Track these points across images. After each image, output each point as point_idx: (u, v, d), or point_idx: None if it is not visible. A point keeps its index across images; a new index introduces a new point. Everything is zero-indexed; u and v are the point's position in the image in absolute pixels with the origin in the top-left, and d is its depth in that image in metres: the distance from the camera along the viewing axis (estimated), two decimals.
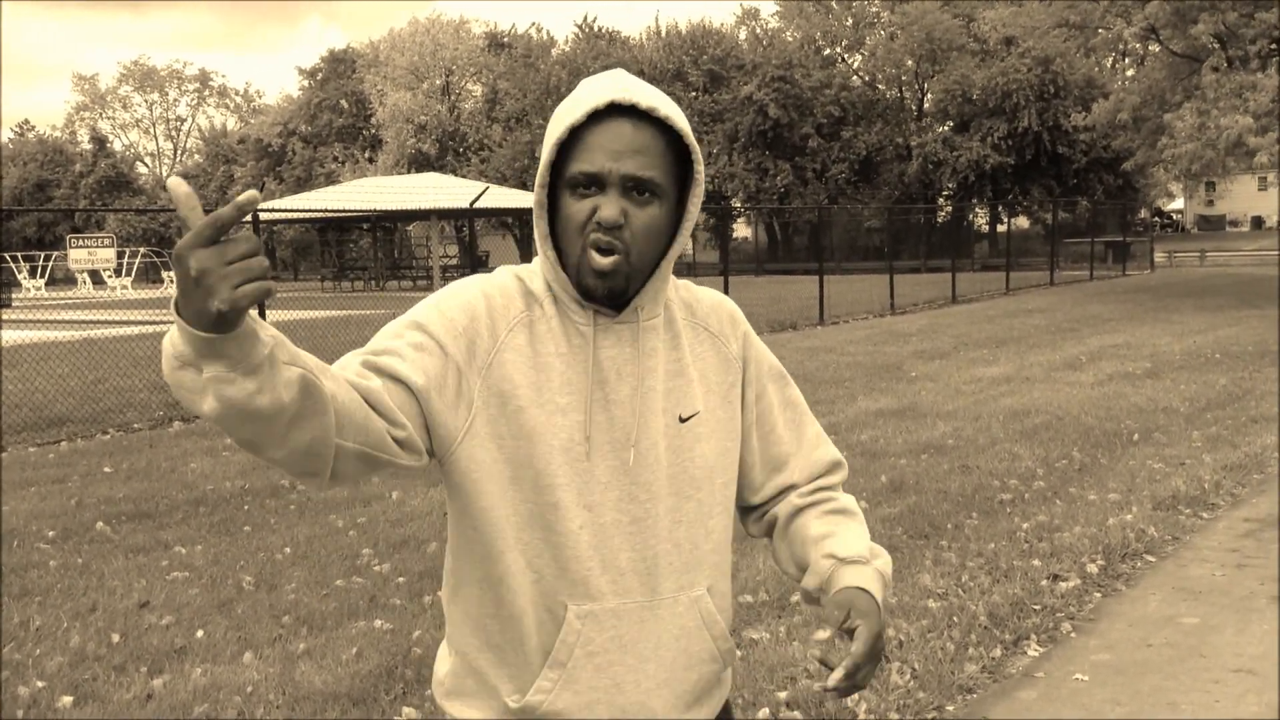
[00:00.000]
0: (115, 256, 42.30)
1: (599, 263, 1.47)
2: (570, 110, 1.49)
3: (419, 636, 4.64)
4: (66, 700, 4.14)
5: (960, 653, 4.35)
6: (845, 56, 48.49)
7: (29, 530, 6.65)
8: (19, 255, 47.12)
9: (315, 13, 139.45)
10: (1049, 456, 7.81)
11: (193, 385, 1.26)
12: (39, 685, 4.26)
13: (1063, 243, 36.72)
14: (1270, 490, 6.86)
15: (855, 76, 47.37)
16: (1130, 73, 39.81)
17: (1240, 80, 21.81)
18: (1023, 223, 48.18)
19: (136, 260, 45.97)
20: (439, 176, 43.23)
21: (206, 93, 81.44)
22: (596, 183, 1.47)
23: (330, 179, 55.71)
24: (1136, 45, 31.09)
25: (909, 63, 45.12)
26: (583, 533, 1.51)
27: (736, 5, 57.20)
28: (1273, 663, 4.25)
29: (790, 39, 47.16)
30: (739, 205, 44.33)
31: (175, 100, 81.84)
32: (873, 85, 47.33)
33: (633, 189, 1.47)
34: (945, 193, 44.45)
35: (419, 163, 53.61)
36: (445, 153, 54.28)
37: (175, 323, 1.23)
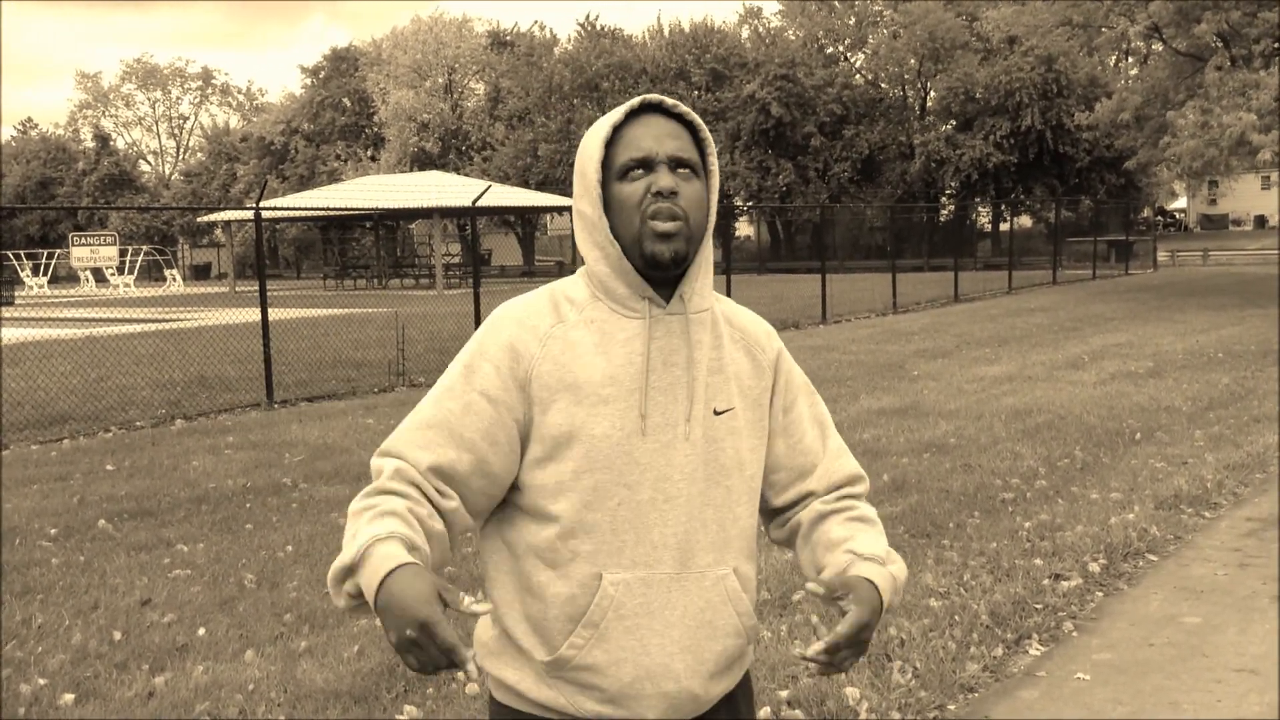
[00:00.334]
0: (118, 255, 42.34)
1: (663, 227, 1.62)
2: (608, 117, 1.68)
3: None
4: (68, 698, 4.14)
5: (962, 651, 4.34)
6: (848, 55, 48.46)
7: (31, 528, 6.66)
8: (22, 253, 47.16)
9: (319, 11, 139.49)
10: (1051, 455, 7.80)
11: (344, 600, 1.57)
12: (41, 683, 4.27)
13: (1065, 242, 36.71)
14: (1272, 490, 6.86)
15: (858, 75, 47.34)
16: (1133, 72, 39.80)
17: (1243, 79, 21.79)
18: (1025, 222, 48.15)
19: (139, 258, 45.99)
20: (441, 175, 43.24)
21: (209, 91, 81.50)
22: (645, 165, 1.65)
23: (333, 177, 55.73)
24: (1140, 44, 31.06)
25: (912, 61, 45.08)
26: (620, 510, 1.64)
27: (739, 4, 57.19)
28: (1274, 662, 4.25)
29: (793, 37, 47.13)
30: (741, 204, 44.32)
31: (178, 98, 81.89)
32: (875, 84, 47.29)
33: (677, 167, 1.65)
34: (948, 191, 44.42)
35: (421, 161, 53.62)
36: (448, 151, 54.29)
37: (359, 574, 1.51)
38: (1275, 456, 7.68)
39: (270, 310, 12.57)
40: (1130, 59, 42.61)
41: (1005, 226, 44.05)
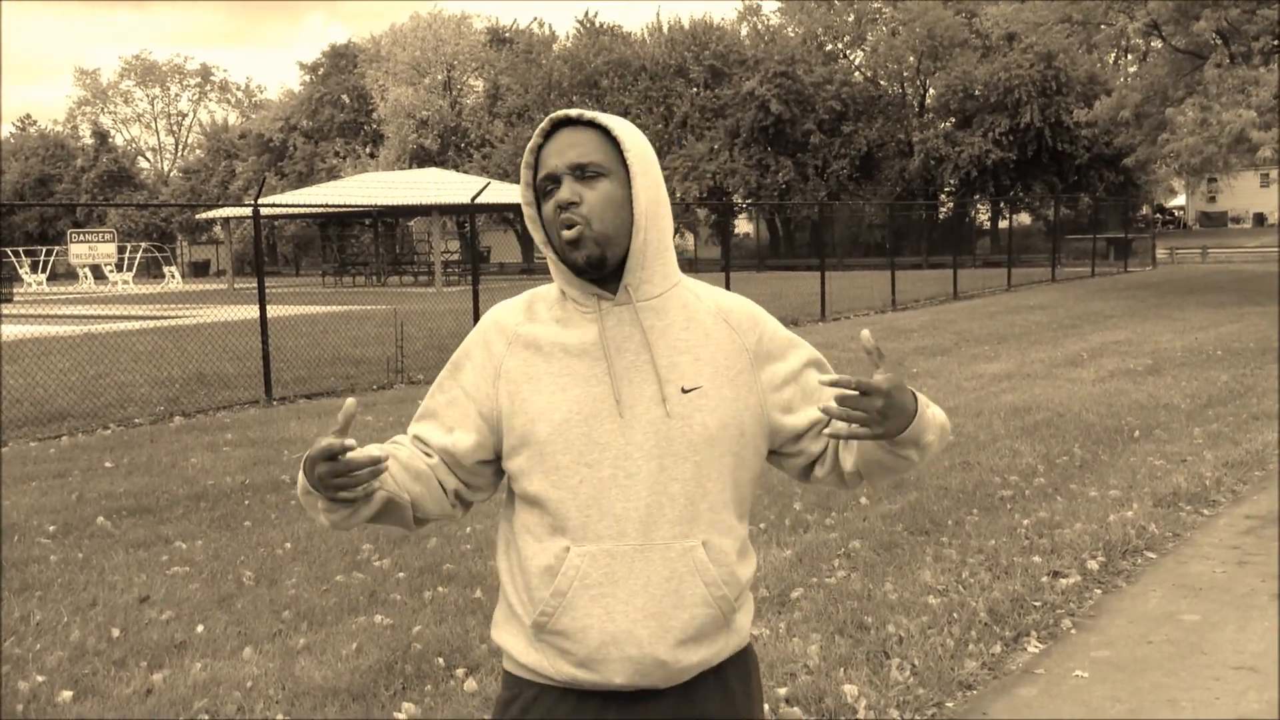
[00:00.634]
0: (116, 251, 42.30)
1: (567, 235, 1.77)
2: (532, 139, 1.85)
3: (419, 632, 4.64)
4: (66, 695, 4.14)
5: (960, 649, 4.35)
6: (847, 52, 48.42)
7: (30, 525, 6.65)
8: (20, 250, 47.12)
9: (319, 9, 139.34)
10: (1050, 453, 7.81)
11: (309, 505, 1.77)
12: (39, 680, 4.27)
13: (1064, 239, 36.71)
14: (1271, 487, 6.86)
15: (857, 72, 47.31)
16: (1133, 69, 39.78)
17: (1243, 76, 21.78)
18: (1024, 219, 48.14)
19: (138, 255, 45.97)
20: (440, 172, 43.23)
21: (208, 88, 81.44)
22: (555, 180, 1.80)
23: (332, 174, 55.70)
24: (1139, 41, 31.04)
25: (911, 59, 45.03)
26: (582, 487, 1.77)
27: (738, 1, 57.19)
28: (1273, 660, 4.25)
29: (792, 34, 47.09)
30: (740, 201, 44.30)
31: (177, 95, 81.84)
32: (874, 81, 47.26)
33: (579, 174, 1.78)
34: (947, 189, 44.40)
35: (420, 158, 53.61)
36: (447, 148, 54.27)
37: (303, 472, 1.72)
38: (1274, 454, 7.68)
39: (269, 307, 12.56)
40: (1129, 56, 42.60)
41: (1004, 224, 44.04)
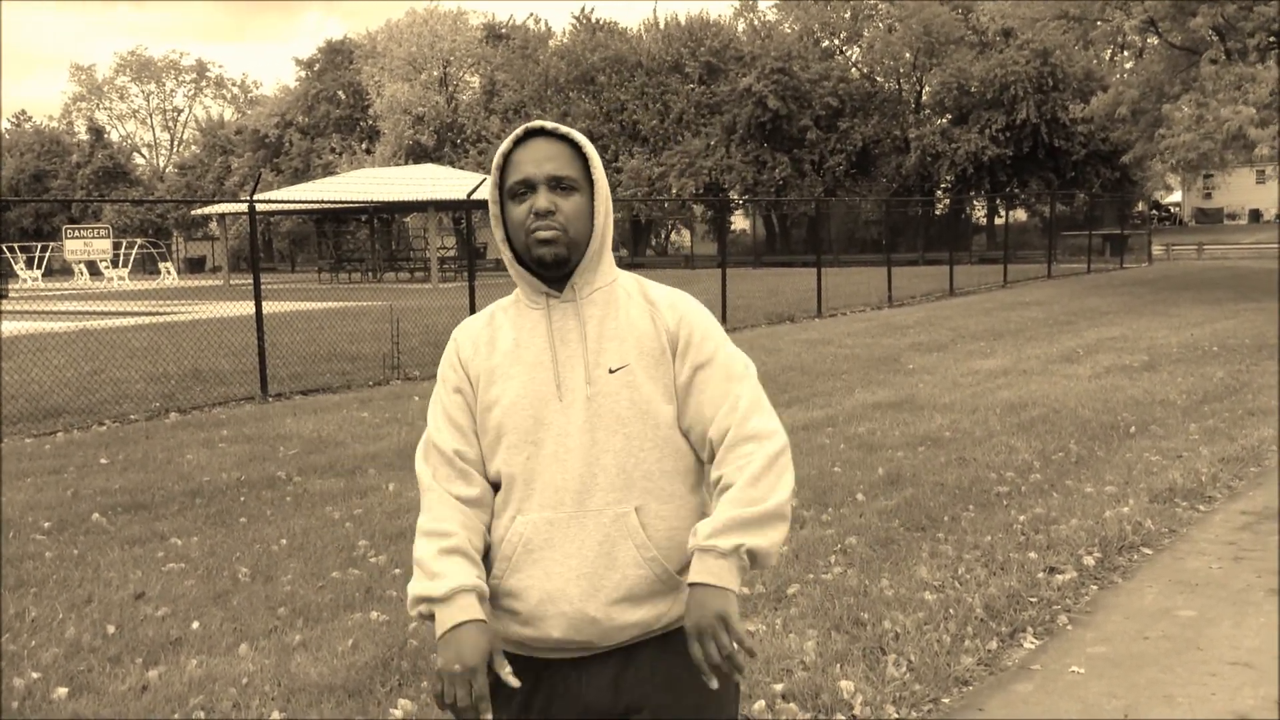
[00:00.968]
0: (111, 247, 42.24)
1: (542, 238, 1.96)
2: (501, 146, 2.01)
3: (415, 628, 4.63)
4: (61, 692, 4.13)
5: (956, 645, 4.35)
6: (843, 49, 48.41)
7: (25, 521, 6.64)
8: (15, 246, 47.04)
9: (315, 6, 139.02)
10: (1046, 449, 7.81)
11: (413, 609, 2.01)
12: (34, 676, 4.26)
13: (1060, 235, 36.72)
14: (1267, 483, 6.87)
15: (853, 69, 47.30)
16: (1129, 65, 39.78)
17: (1239, 72, 21.79)
18: (1020, 215, 48.17)
19: (133, 251, 45.89)
20: (436, 168, 43.18)
21: (203, 83, 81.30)
22: (530, 186, 1.97)
23: (328, 170, 55.63)
24: (1135, 38, 31.05)
25: (907, 55, 45.03)
26: (530, 462, 1.99)
27: None
28: (1270, 656, 4.25)
29: (789, 31, 47.08)
30: (737, 198, 44.28)
31: (172, 91, 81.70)
32: (871, 77, 47.26)
33: (556, 186, 1.97)
34: (943, 185, 44.40)
35: (416, 154, 53.55)
36: (443, 144, 54.21)
37: (441, 608, 1.94)
38: (1270, 450, 7.68)
39: (265, 303, 12.55)
40: (1125, 52, 42.60)
41: (1000, 220, 44.04)
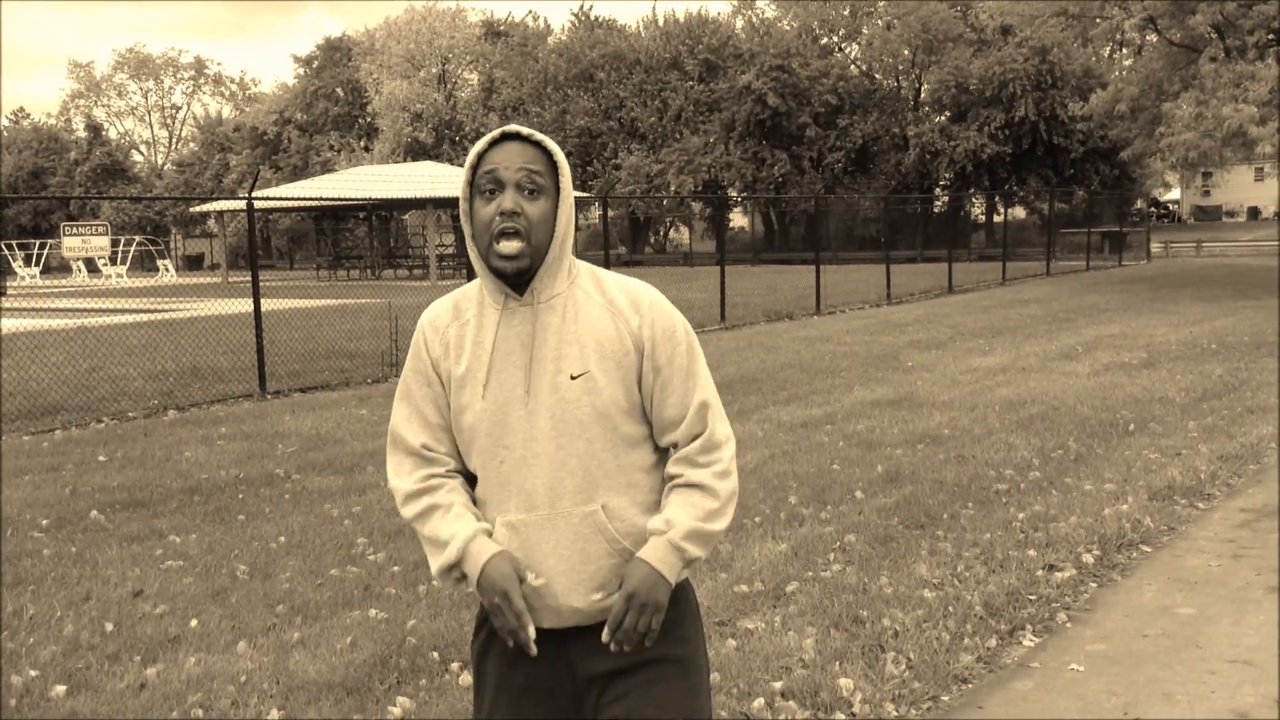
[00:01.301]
0: (110, 245, 42.21)
1: (506, 248, 2.02)
2: (479, 143, 2.09)
3: (414, 626, 4.63)
4: (59, 689, 4.12)
5: (956, 643, 4.34)
6: (842, 46, 48.39)
7: (23, 519, 6.63)
8: (14, 243, 47.01)
9: (314, 3, 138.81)
10: (1045, 446, 7.81)
11: (447, 578, 2.13)
12: (32, 674, 4.25)
13: (1059, 233, 36.71)
14: (1266, 481, 6.86)
15: (852, 66, 47.28)
16: (1128, 63, 39.78)
17: (1239, 70, 21.78)
18: (1019, 213, 48.16)
19: (132, 249, 45.87)
20: (435, 165, 43.17)
21: (202, 81, 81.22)
22: (499, 184, 2.03)
23: (326, 167, 55.60)
24: (1134, 35, 31.03)
25: (905, 52, 45.03)
26: (503, 467, 2.09)
27: None
28: (1269, 654, 4.25)
29: (787, 28, 47.06)
30: (735, 195, 44.26)
31: (170, 88, 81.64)
32: (870, 75, 47.25)
33: (525, 188, 2.04)
34: (942, 183, 44.40)
35: (415, 151, 53.51)
36: (441, 141, 54.17)
37: (464, 565, 2.09)
38: (1269, 447, 7.68)
39: (263, 301, 12.54)
40: (1124, 50, 42.61)
41: (999, 218, 44.05)
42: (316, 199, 17.82)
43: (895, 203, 39.18)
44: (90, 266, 44.22)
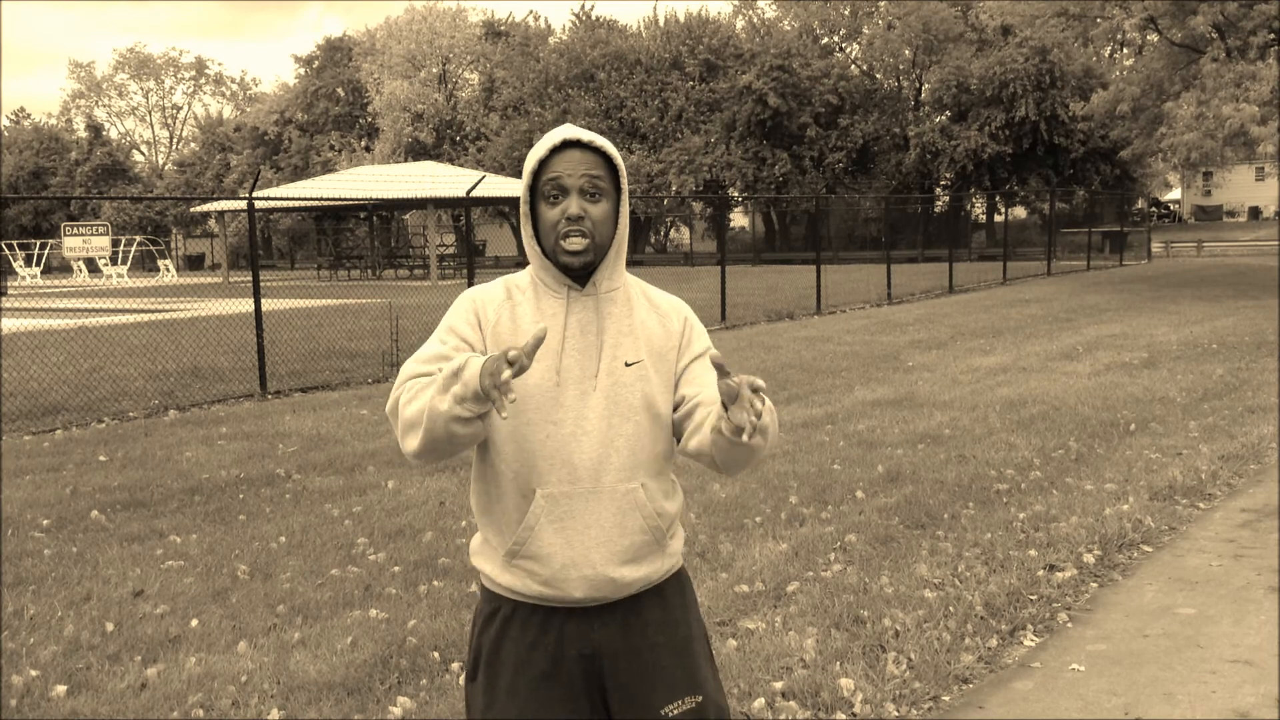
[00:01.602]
0: (110, 245, 42.22)
1: (574, 245, 2.15)
2: (535, 152, 2.18)
3: (414, 626, 4.63)
4: (60, 689, 4.12)
5: (956, 643, 4.34)
6: (843, 46, 48.39)
7: (24, 518, 6.63)
8: (15, 244, 47.02)
9: (314, 3, 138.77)
10: (1045, 446, 7.80)
11: (456, 407, 2.00)
12: (32, 674, 4.25)
13: (1060, 233, 36.73)
14: (1267, 480, 6.86)
15: (853, 66, 47.28)
16: (1129, 62, 39.76)
17: (1240, 70, 21.78)
18: (1020, 213, 48.16)
19: (132, 249, 45.88)
20: (436, 165, 43.17)
21: (202, 81, 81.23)
22: (563, 190, 2.15)
23: (327, 167, 55.61)
24: (1135, 35, 31.03)
25: (906, 52, 45.02)
26: (549, 441, 2.17)
27: None
28: (1270, 654, 4.25)
29: (788, 28, 47.06)
30: (736, 195, 44.26)
31: (171, 88, 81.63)
32: (870, 75, 47.25)
33: (587, 193, 2.16)
34: (942, 182, 44.40)
35: (416, 151, 53.52)
36: (442, 141, 54.18)
37: (461, 379, 1.99)
38: (1270, 447, 7.68)
39: (264, 301, 12.53)
40: (1125, 50, 42.59)
41: (1000, 217, 44.04)
42: (317, 199, 17.79)
43: (896, 203, 39.19)
44: (91, 266, 44.25)
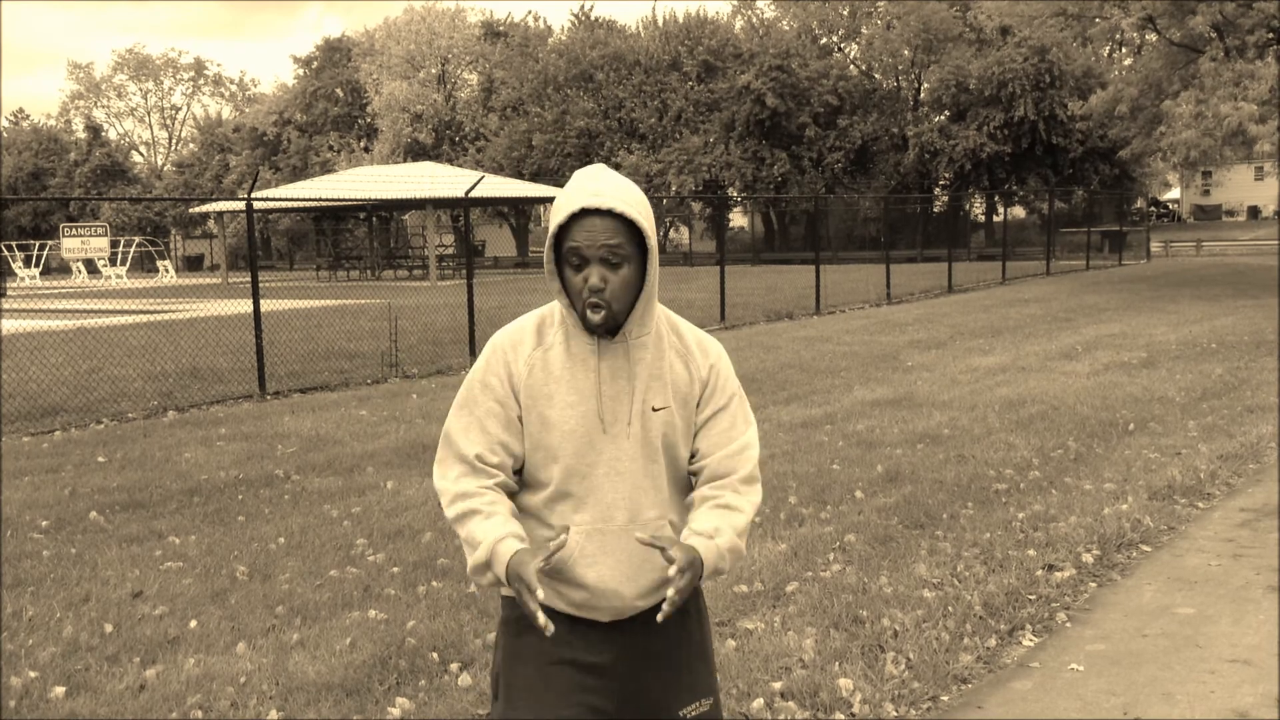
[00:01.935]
0: (109, 246, 42.23)
1: (594, 318, 2.21)
2: (558, 213, 2.21)
3: (413, 627, 4.63)
4: (59, 691, 4.12)
5: (955, 643, 4.34)
6: (842, 46, 48.39)
7: (22, 520, 6.63)
8: (14, 244, 47.01)
9: (314, 3, 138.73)
10: (1044, 446, 7.80)
11: (481, 576, 2.26)
12: (31, 676, 4.25)
13: (1059, 232, 36.72)
14: (1266, 480, 6.86)
15: (852, 66, 47.28)
16: (1127, 62, 39.78)
17: (1239, 70, 21.78)
18: (1019, 212, 48.16)
19: (131, 250, 45.87)
20: (435, 166, 43.15)
21: (201, 81, 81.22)
22: (584, 260, 2.19)
23: (326, 168, 55.59)
24: (1134, 35, 31.03)
25: (905, 52, 45.03)
26: (585, 482, 2.28)
27: None
28: (1269, 653, 4.25)
29: (787, 28, 47.07)
30: (735, 195, 44.26)
31: (170, 89, 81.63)
32: (869, 75, 47.25)
33: (608, 261, 2.19)
34: (941, 182, 44.40)
35: (415, 152, 53.52)
36: (441, 142, 54.18)
37: (493, 568, 2.22)
38: (1269, 447, 7.68)
39: (263, 301, 12.53)
40: (1124, 49, 42.60)
41: (999, 217, 44.04)
42: (316, 200, 17.81)
43: (895, 202, 39.19)
44: (90, 267, 44.24)
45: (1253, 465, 7.24)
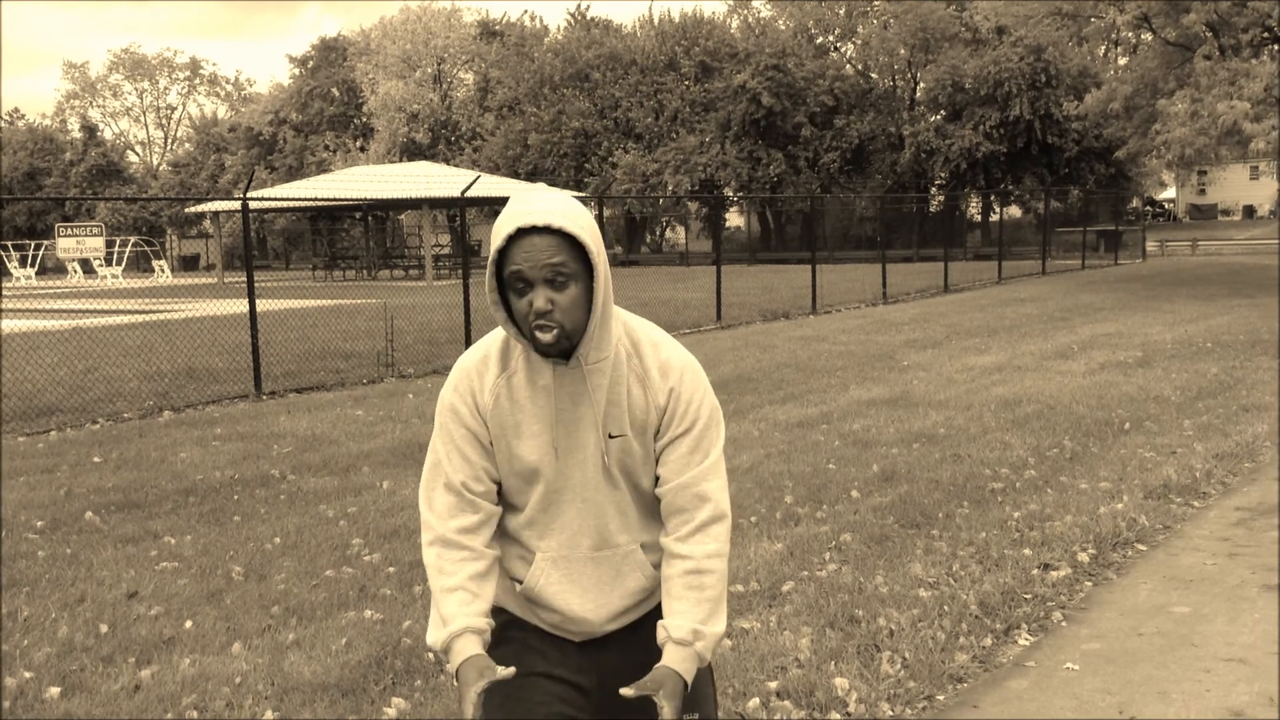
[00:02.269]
0: (104, 245, 42.18)
1: (542, 340, 2.11)
2: (498, 233, 2.12)
3: (409, 627, 4.62)
4: (54, 691, 4.11)
5: (951, 642, 4.34)
6: (838, 45, 48.40)
7: (17, 520, 6.62)
8: (9, 244, 46.94)
9: (312, 3, 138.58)
10: (1040, 445, 7.81)
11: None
12: (26, 676, 4.24)
13: (1055, 232, 36.78)
14: (1261, 479, 6.87)
15: (848, 65, 47.29)
16: (1122, 61, 39.81)
17: (1233, 68, 21.81)
18: (1015, 212, 48.20)
19: (127, 249, 45.82)
20: (431, 165, 43.15)
21: (197, 81, 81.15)
22: (526, 282, 2.08)
23: (322, 168, 55.55)
24: (1129, 34, 31.06)
25: (901, 52, 45.04)
26: (551, 508, 2.27)
27: None
28: (1264, 652, 4.25)
29: (783, 28, 47.08)
30: (731, 194, 44.26)
31: (166, 89, 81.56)
32: (865, 74, 47.26)
33: (551, 281, 2.08)
34: (937, 182, 44.43)
35: (411, 151, 53.50)
36: (437, 141, 54.16)
37: (447, 658, 2.20)
38: (1265, 445, 7.69)
39: (258, 301, 12.52)
40: (1119, 49, 42.62)
41: (995, 217, 44.09)
42: (312, 199, 17.79)
43: (891, 202, 39.25)
44: (85, 267, 44.18)
45: (1248, 464, 7.25)
